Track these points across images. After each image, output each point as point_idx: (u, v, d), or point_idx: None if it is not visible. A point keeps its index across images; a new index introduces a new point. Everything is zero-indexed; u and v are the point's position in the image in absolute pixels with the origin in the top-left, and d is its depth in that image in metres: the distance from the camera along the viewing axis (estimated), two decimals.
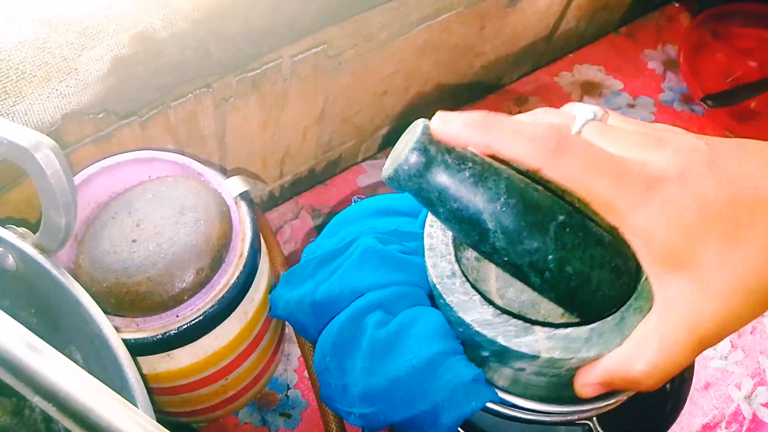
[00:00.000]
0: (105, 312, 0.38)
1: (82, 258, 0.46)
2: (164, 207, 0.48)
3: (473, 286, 0.36)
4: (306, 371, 0.63)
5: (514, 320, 0.34)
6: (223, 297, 0.46)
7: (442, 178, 0.32)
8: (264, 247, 0.53)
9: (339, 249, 0.46)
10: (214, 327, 0.47)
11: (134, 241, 0.46)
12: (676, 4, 0.98)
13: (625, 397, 0.39)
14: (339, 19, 0.58)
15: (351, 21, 0.59)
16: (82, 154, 0.51)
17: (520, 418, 0.40)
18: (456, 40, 0.72)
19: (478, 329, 0.34)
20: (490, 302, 0.36)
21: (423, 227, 0.44)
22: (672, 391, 0.46)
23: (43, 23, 0.42)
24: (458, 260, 0.38)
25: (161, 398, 0.52)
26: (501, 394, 0.39)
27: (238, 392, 0.57)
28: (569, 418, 0.40)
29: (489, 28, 0.74)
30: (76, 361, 0.29)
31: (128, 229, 0.47)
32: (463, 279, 0.37)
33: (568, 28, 0.86)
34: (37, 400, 0.27)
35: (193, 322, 0.45)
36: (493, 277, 0.40)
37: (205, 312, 0.45)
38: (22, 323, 0.29)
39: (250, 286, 0.49)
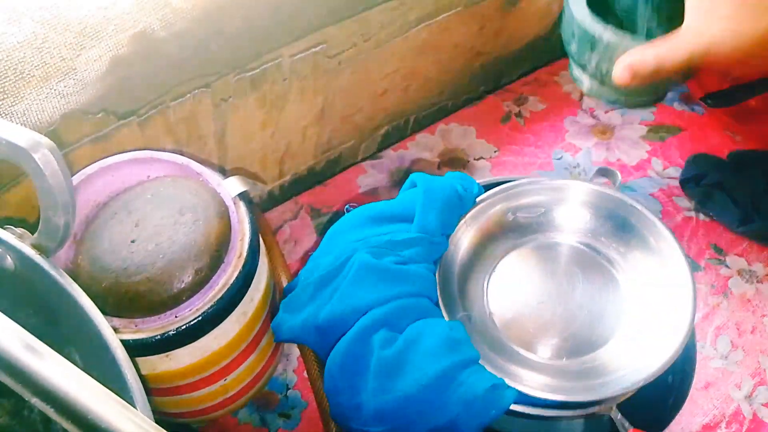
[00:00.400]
0: (104, 312, 0.37)
1: (81, 258, 0.46)
2: (163, 207, 0.48)
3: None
4: (305, 371, 0.63)
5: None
6: (222, 297, 0.46)
7: None
8: (263, 247, 0.53)
9: (336, 269, 0.45)
10: (214, 327, 0.47)
11: (133, 241, 0.46)
12: None
13: (641, 384, 0.39)
14: (338, 19, 0.58)
15: (350, 20, 0.59)
16: (80, 154, 0.51)
17: (543, 416, 0.40)
18: (455, 40, 0.72)
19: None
20: None
21: (418, 231, 0.44)
22: (674, 384, 0.46)
23: (41, 23, 0.42)
24: None
25: (160, 399, 0.52)
26: (527, 389, 0.39)
27: (238, 392, 0.57)
28: (590, 410, 0.40)
29: (488, 28, 0.74)
30: (74, 362, 0.29)
31: (127, 229, 0.47)
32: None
33: None
34: (35, 401, 0.27)
35: (192, 323, 0.45)
36: None
37: (204, 312, 0.45)
38: (20, 324, 0.29)
39: (249, 286, 0.49)
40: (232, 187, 0.50)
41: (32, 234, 0.37)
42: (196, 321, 0.45)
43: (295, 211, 0.76)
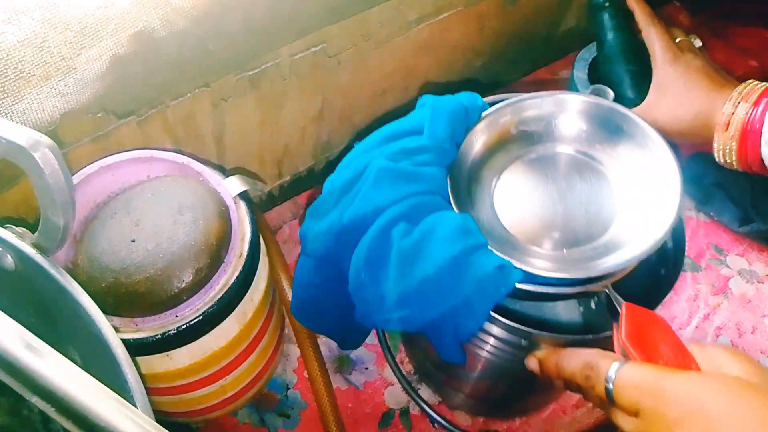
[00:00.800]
0: (104, 312, 0.37)
1: (81, 258, 0.46)
2: (163, 206, 0.48)
3: None
4: (305, 371, 0.63)
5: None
6: (222, 297, 0.46)
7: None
8: (263, 247, 0.53)
9: (356, 176, 0.48)
10: (213, 327, 0.47)
11: (133, 240, 0.46)
12: (677, 4, 0.98)
13: (632, 262, 0.44)
14: (338, 18, 0.58)
15: (350, 20, 0.59)
16: (80, 153, 0.51)
17: (547, 293, 0.44)
18: (455, 39, 0.72)
19: None
20: None
21: (428, 140, 0.49)
22: (666, 275, 0.51)
23: (41, 22, 0.42)
24: None
25: (160, 398, 0.52)
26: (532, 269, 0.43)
27: (237, 392, 0.57)
28: (588, 287, 0.44)
29: (488, 28, 0.74)
30: (74, 361, 0.28)
31: (127, 229, 0.47)
32: None
33: (568, 28, 0.86)
34: (35, 400, 0.27)
35: (192, 322, 0.45)
36: None
37: (204, 312, 0.45)
38: (20, 323, 0.29)
39: (249, 286, 0.49)
40: (232, 186, 0.50)
41: (32, 233, 0.37)
42: (196, 320, 0.45)
43: (294, 211, 0.76)
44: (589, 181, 0.51)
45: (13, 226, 0.38)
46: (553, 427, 0.64)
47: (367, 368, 0.66)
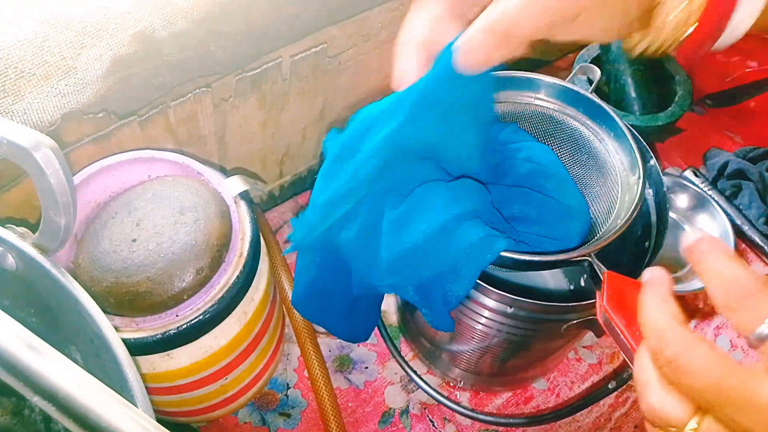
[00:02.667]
0: (105, 312, 0.37)
1: (82, 258, 0.46)
2: (164, 207, 0.48)
3: None
4: (306, 371, 0.63)
5: None
6: (222, 297, 0.46)
7: None
8: (264, 247, 0.53)
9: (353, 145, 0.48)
10: (214, 327, 0.47)
11: (134, 240, 0.46)
12: None
13: (614, 237, 0.45)
14: (339, 19, 0.58)
15: (351, 21, 0.59)
16: (81, 153, 0.51)
17: (532, 262, 0.45)
18: None
19: None
20: None
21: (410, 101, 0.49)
22: (650, 246, 0.52)
23: (42, 22, 0.42)
24: None
25: (161, 398, 0.52)
26: None
27: (238, 392, 0.57)
28: (571, 257, 0.45)
29: None
30: (75, 361, 0.29)
31: (128, 229, 0.47)
32: None
33: None
34: (36, 399, 0.27)
35: (193, 322, 0.45)
36: None
37: (204, 312, 0.45)
38: (21, 323, 0.29)
39: (249, 286, 0.49)
40: (232, 186, 0.50)
41: (33, 234, 0.37)
42: (196, 320, 0.45)
43: (295, 211, 0.76)
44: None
45: (14, 226, 0.38)
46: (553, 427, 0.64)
47: (367, 368, 0.66)
